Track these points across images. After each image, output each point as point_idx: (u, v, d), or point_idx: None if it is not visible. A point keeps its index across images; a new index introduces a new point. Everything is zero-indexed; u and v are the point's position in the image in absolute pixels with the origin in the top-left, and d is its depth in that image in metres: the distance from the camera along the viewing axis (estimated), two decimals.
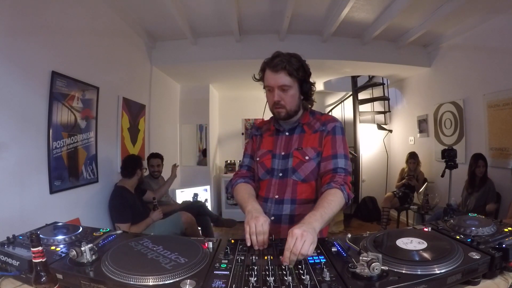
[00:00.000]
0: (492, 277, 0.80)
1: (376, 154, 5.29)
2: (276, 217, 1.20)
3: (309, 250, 0.82)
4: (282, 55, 1.17)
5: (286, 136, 1.27)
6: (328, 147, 1.18)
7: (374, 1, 2.81)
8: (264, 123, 1.38)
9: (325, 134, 1.20)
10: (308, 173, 1.19)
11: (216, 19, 3.15)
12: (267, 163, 1.26)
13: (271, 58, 1.18)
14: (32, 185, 1.80)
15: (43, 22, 1.88)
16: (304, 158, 1.19)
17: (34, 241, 0.67)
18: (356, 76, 4.92)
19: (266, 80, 1.19)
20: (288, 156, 1.22)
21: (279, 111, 1.19)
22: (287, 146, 1.24)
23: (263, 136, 1.33)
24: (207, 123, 4.78)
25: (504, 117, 2.89)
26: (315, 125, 1.25)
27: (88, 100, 2.35)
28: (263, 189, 1.26)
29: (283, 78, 1.15)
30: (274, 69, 1.15)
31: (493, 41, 2.99)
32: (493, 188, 2.88)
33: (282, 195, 1.21)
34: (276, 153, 1.25)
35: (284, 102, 1.17)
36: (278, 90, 1.16)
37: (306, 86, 1.22)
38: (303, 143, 1.22)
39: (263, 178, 1.27)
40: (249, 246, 0.95)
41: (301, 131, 1.25)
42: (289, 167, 1.21)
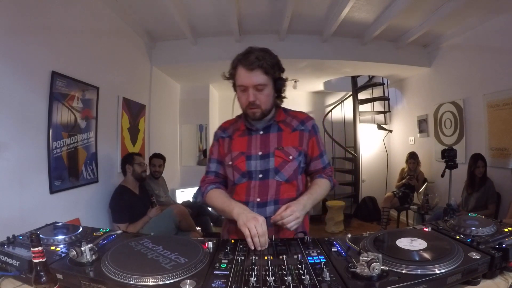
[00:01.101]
0: (492, 277, 0.80)
1: (376, 154, 5.29)
2: None
3: (292, 223, 1.00)
4: (255, 51, 1.09)
5: (260, 135, 1.19)
6: (315, 148, 1.22)
7: (374, 1, 2.81)
8: (230, 123, 1.28)
9: (308, 135, 1.20)
10: (291, 173, 1.16)
11: (216, 19, 3.15)
12: (242, 166, 1.16)
13: (244, 54, 1.10)
14: (32, 185, 1.80)
15: (43, 22, 1.88)
16: (288, 157, 1.15)
17: (34, 241, 0.67)
18: (356, 76, 4.93)
19: (239, 79, 1.11)
20: (268, 156, 1.15)
21: (254, 111, 1.12)
22: (264, 146, 1.17)
23: (233, 137, 1.22)
24: (207, 123, 4.78)
25: (504, 117, 2.89)
26: (291, 123, 1.21)
27: (88, 100, 2.35)
28: (241, 193, 1.17)
29: (258, 77, 1.07)
30: (249, 67, 1.06)
31: (493, 41, 2.99)
32: (493, 188, 2.88)
33: (264, 197, 1.15)
34: (251, 154, 1.17)
35: (260, 102, 1.10)
36: (253, 89, 1.08)
37: (280, 83, 1.16)
38: (283, 142, 1.17)
39: (239, 182, 1.18)
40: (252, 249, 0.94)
41: (277, 129, 1.19)
42: (271, 168, 1.15)
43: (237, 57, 1.12)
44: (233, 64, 1.14)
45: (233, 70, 1.14)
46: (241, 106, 1.17)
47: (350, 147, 5.13)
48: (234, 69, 1.13)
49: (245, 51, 1.11)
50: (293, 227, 1.01)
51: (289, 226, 1.01)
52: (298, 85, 4.90)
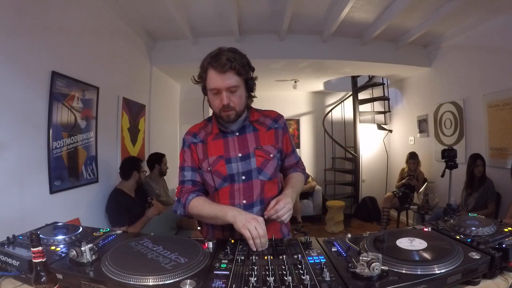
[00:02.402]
0: (492, 277, 0.80)
1: (376, 154, 5.29)
2: None
3: (286, 216, 1.02)
4: (225, 52, 1.05)
5: (237, 136, 1.17)
6: (288, 145, 1.26)
7: (374, 1, 2.81)
8: (199, 127, 1.23)
9: (282, 132, 1.22)
10: (273, 171, 1.17)
11: (216, 19, 3.15)
12: (222, 170, 1.13)
13: (214, 56, 1.05)
14: (32, 185, 1.80)
15: (43, 22, 1.88)
16: (269, 156, 1.16)
17: (34, 241, 0.67)
18: (356, 76, 4.93)
19: (210, 82, 1.06)
20: (249, 157, 1.14)
21: (229, 114, 1.09)
22: (243, 147, 1.15)
23: (207, 141, 1.17)
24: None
25: (504, 117, 2.90)
26: (265, 122, 1.21)
27: (88, 100, 2.35)
28: (225, 198, 1.14)
29: (232, 79, 1.04)
30: (222, 69, 1.02)
31: (493, 41, 2.99)
32: (493, 187, 2.89)
33: (250, 198, 1.13)
34: (230, 156, 1.14)
35: (234, 104, 1.07)
36: (226, 92, 1.05)
37: (251, 83, 1.13)
38: (261, 141, 1.17)
39: (221, 186, 1.14)
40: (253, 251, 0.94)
41: (253, 129, 1.18)
42: (253, 168, 1.13)
43: (206, 60, 1.07)
44: (202, 67, 1.09)
45: (204, 74, 1.08)
46: (213, 110, 1.13)
47: (350, 147, 5.13)
48: (204, 72, 1.08)
49: (215, 52, 1.06)
50: (286, 219, 1.04)
51: (284, 219, 1.03)
52: (298, 85, 4.90)
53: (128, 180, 2.55)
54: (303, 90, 5.50)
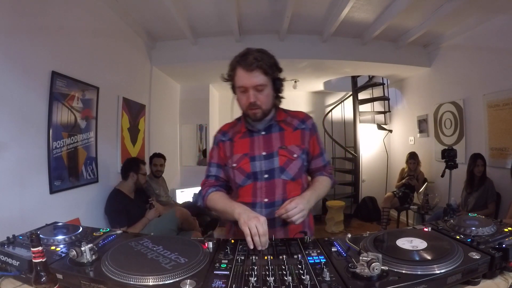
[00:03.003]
0: (492, 277, 0.80)
1: (376, 154, 5.29)
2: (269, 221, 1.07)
3: (296, 216, 0.99)
4: (253, 52, 1.09)
5: (263, 135, 1.19)
6: (316, 147, 1.24)
7: (374, 1, 2.81)
8: (230, 126, 1.28)
9: (309, 133, 1.22)
10: (296, 171, 1.17)
11: (216, 19, 3.15)
12: (246, 167, 1.16)
13: (242, 55, 1.10)
14: (32, 185, 1.80)
15: (43, 22, 1.88)
16: (292, 156, 1.16)
17: (34, 241, 0.67)
18: (356, 76, 4.92)
19: (238, 80, 1.11)
20: (273, 156, 1.16)
21: (255, 112, 1.12)
22: (267, 146, 1.18)
23: (234, 140, 1.22)
24: (207, 123, 4.78)
25: (504, 117, 2.90)
26: (292, 122, 1.22)
27: (88, 100, 2.35)
28: (247, 195, 1.16)
29: (258, 78, 1.08)
30: (249, 68, 1.06)
31: (493, 41, 2.99)
32: (493, 187, 2.89)
33: (272, 197, 1.15)
34: (255, 154, 1.17)
35: (260, 102, 1.11)
36: (253, 90, 1.09)
37: (279, 83, 1.16)
38: (286, 141, 1.18)
39: (244, 184, 1.17)
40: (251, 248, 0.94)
41: (279, 129, 1.20)
42: (276, 167, 1.15)
43: (235, 59, 1.12)
44: (231, 66, 1.14)
45: (232, 72, 1.13)
46: (241, 108, 1.17)
47: (350, 147, 5.13)
48: (232, 70, 1.13)
49: (243, 52, 1.11)
50: (298, 220, 1.01)
51: (294, 219, 1.00)
52: (298, 85, 4.90)
53: (126, 180, 2.55)
54: (303, 90, 5.50)
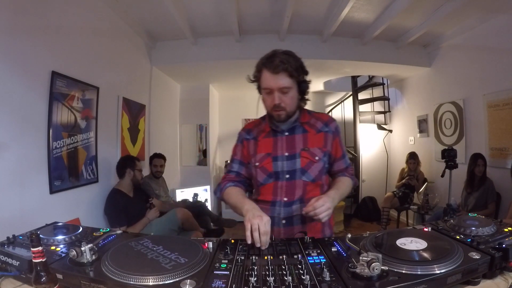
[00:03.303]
0: (492, 277, 0.80)
1: (376, 154, 5.29)
2: (287, 220, 1.17)
3: (323, 214, 1.01)
4: (280, 54, 1.12)
5: (286, 136, 1.22)
6: (339, 149, 1.26)
7: (374, 1, 2.81)
8: (254, 124, 1.31)
9: (332, 136, 1.23)
10: (317, 173, 1.19)
11: (216, 19, 3.15)
12: (269, 166, 1.20)
13: (268, 57, 1.12)
14: (32, 185, 1.80)
15: (43, 22, 1.88)
16: (314, 158, 1.18)
17: (34, 241, 0.67)
18: (356, 76, 4.92)
19: (264, 81, 1.13)
20: (295, 157, 1.18)
21: (280, 113, 1.15)
22: (290, 147, 1.20)
23: (258, 139, 1.25)
24: (207, 123, 4.78)
25: (504, 117, 2.89)
26: (316, 124, 1.24)
27: (88, 100, 2.35)
28: (268, 193, 1.20)
29: (283, 80, 1.10)
30: (275, 70, 1.09)
31: (493, 41, 2.99)
32: (493, 187, 2.89)
33: (291, 197, 1.17)
34: (277, 155, 1.20)
35: (284, 104, 1.13)
36: (278, 92, 1.11)
37: (304, 86, 1.18)
38: (309, 143, 1.20)
39: (265, 182, 1.21)
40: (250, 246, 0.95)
41: (302, 131, 1.22)
42: (297, 168, 1.18)
43: (261, 61, 1.14)
44: (257, 67, 1.16)
45: (258, 73, 1.15)
46: (266, 108, 1.19)
47: (350, 147, 5.12)
48: (258, 72, 1.15)
49: (269, 54, 1.13)
50: (324, 218, 1.03)
51: (321, 217, 1.02)
52: None
53: (123, 178, 2.54)
54: None
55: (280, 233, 1.15)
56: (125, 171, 2.53)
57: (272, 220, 1.07)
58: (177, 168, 4.69)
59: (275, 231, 1.13)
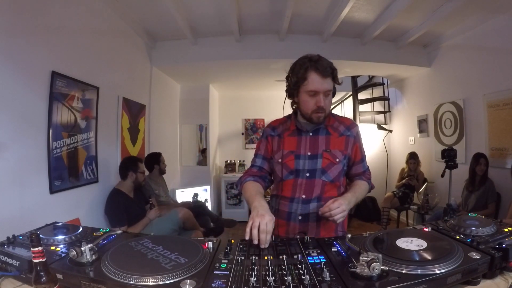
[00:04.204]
0: (492, 277, 0.80)
1: (376, 154, 5.29)
2: (303, 216, 1.22)
3: (338, 215, 1.04)
4: (324, 58, 1.17)
5: (310, 136, 1.26)
6: (358, 153, 1.30)
7: (374, 1, 2.81)
8: (280, 122, 1.36)
9: (353, 140, 1.27)
10: (336, 174, 1.23)
11: (216, 19, 3.15)
12: (291, 164, 1.24)
13: (316, 60, 1.15)
14: (32, 185, 1.80)
15: (43, 22, 1.88)
16: (335, 160, 1.23)
17: (34, 241, 0.67)
18: (356, 76, 4.92)
19: (312, 84, 1.14)
20: (317, 157, 1.23)
21: (320, 115, 1.19)
22: (313, 147, 1.24)
23: (283, 136, 1.29)
24: (207, 123, 4.78)
25: (504, 117, 2.89)
26: (339, 128, 1.28)
27: (88, 100, 2.35)
28: (288, 190, 1.25)
29: (330, 84, 1.16)
30: (324, 73, 1.13)
31: (493, 41, 2.99)
32: (493, 187, 2.89)
33: (309, 195, 1.22)
34: (300, 153, 1.24)
35: (325, 107, 1.18)
36: (323, 95, 1.16)
37: (335, 91, 1.24)
38: (331, 145, 1.24)
39: (286, 178, 1.25)
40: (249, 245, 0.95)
41: (326, 133, 1.26)
42: (318, 168, 1.22)
43: (308, 62, 1.15)
44: (304, 69, 1.15)
45: (305, 74, 1.15)
46: (304, 110, 1.20)
47: None
48: (305, 73, 1.15)
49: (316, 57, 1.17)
50: (339, 219, 1.06)
51: (336, 218, 1.05)
52: None
53: (125, 180, 2.53)
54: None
55: (295, 228, 1.21)
56: (128, 174, 2.53)
57: (289, 216, 1.18)
58: (177, 168, 4.69)
59: (291, 226, 1.20)
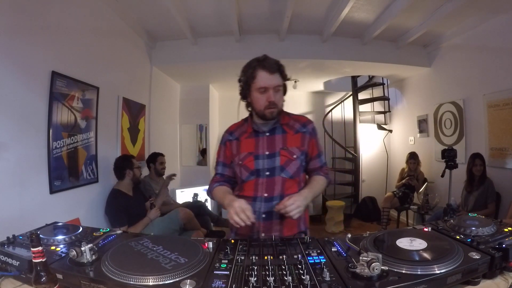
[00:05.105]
0: (492, 277, 0.80)
1: (376, 154, 5.29)
2: (267, 214, 1.25)
3: (294, 211, 1.09)
4: (270, 58, 1.23)
5: (267, 136, 1.30)
6: (314, 149, 1.34)
7: (374, 1, 2.81)
8: (237, 125, 1.40)
9: (309, 136, 1.32)
10: (295, 170, 1.27)
11: (216, 19, 3.15)
12: (250, 165, 1.28)
13: (263, 59, 1.21)
14: (32, 185, 1.80)
15: (43, 22, 1.88)
16: (292, 156, 1.27)
17: (34, 241, 0.67)
18: (356, 76, 4.92)
19: (260, 81, 1.20)
20: (275, 156, 1.27)
21: (273, 110, 1.23)
22: (271, 146, 1.28)
23: (240, 139, 1.33)
24: (207, 123, 4.78)
25: (504, 117, 2.89)
26: (294, 125, 1.33)
27: (88, 100, 2.35)
28: (250, 190, 1.28)
29: (278, 79, 1.21)
30: (271, 70, 1.19)
31: (493, 41, 2.99)
32: (493, 187, 2.89)
33: (271, 193, 1.25)
34: (259, 154, 1.28)
35: (277, 102, 1.23)
36: (273, 90, 1.20)
37: (286, 87, 1.29)
38: (288, 143, 1.28)
39: (247, 179, 1.29)
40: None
41: (282, 131, 1.30)
42: (277, 166, 1.26)
43: (255, 62, 1.22)
44: (252, 68, 1.22)
45: (253, 73, 1.21)
46: (257, 108, 1.25)
47: (350, 147, 5.12)
48: (253, 72, 1.21)
49: (262, 57, 1.23)
50: (295, 215, 1.10)
51: (292, 214, 1.09)
52: (298, 85, 4.90)
53: (123, 179, 2.53)
54: (303, 90, 5.50)
55: (260, 226, 1.24)
56: (125, 172, 2.52)
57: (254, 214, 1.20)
58: (177, 168, 4.69)
59: (256, 224, 1.22)
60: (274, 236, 1.06)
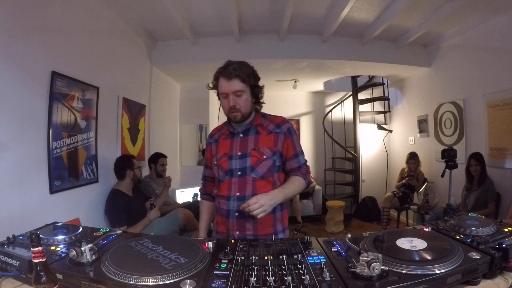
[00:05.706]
0: (492, 277, 0.80)
1: (376, 154, 5.29)
2: (239, 213, 1.27)
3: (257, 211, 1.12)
4: (233, 63, 1.27)
5: (240, 137, 1.34)
6: (290, 149, 1.35)
7: (374, 1, 2.81)
8: (218, 129, 1.46)
9: (283, 137, 1.33)
10: (265, 170, 1.30)
11: (216, 19, 3.15)
12: (224, 165, 1.33)
13: (223, 67, 1.27)
14: (32, 185, 1.80)
15: (43, 22, 1.88)
16: (262, 157, 1.29)
17: (34, 241, 0.67)
18: (356, 76, 4.93)
19: (221, 87, 1.27)
20: (246, 156, 1.30)
21: (235, 115, 1.27)
22: (243, 147, 1.32)
23: (219, 141, 1.40)
24: (207, 123, 4.78)
25: (504, 117, 2.89)
26: (268, 126, 1.35)
27: (88, 100, 2.35)
28: (224, 189, 1.33)
29: (237, 85, 1.24)
30: (228, 77, 1.23)
31: (493, 41, 2.99)
32: (493, 187, 2.89)
33: (243, 192, 1.29)
34: (232, 154, 1.32)
35: (239, 106, 1.26)
36: (232, 95, 1.25)
37: (257, 90, 1.31)
38: (259, 144, 1.32)
39: (223, 179, 1.34)
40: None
41: (255, 132, 1.34)
42: (248, 166, 1.29)
43: (218, 70, 1.29)
44: (214, 77, 1.31)
45: (216, 82, 1.30)
46: (224, 112, 1.32)
47: (350, 147, 5.13)
48: (216, 80, 1.30)
49: (224, 64, 1.28)
50: (259, 214, 1.13)
51: (255, 214, 1.13)
52: (298, 85, 4.90)
53: (123, 180, 2.53)
54: (303, 90, 5.50)
55: (233, 224, 1.28)
56: (125, 172, 2.52)
57: (228, 213, 1.28)
58: (177, 168, 4.69)
59: (230, 223, 1.28)
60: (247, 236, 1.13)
